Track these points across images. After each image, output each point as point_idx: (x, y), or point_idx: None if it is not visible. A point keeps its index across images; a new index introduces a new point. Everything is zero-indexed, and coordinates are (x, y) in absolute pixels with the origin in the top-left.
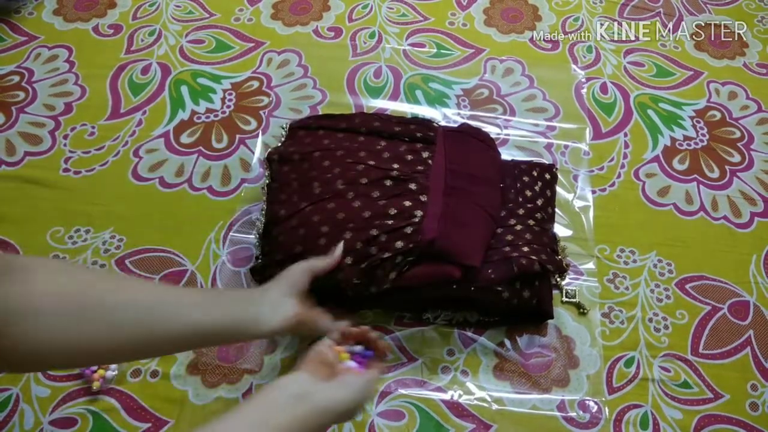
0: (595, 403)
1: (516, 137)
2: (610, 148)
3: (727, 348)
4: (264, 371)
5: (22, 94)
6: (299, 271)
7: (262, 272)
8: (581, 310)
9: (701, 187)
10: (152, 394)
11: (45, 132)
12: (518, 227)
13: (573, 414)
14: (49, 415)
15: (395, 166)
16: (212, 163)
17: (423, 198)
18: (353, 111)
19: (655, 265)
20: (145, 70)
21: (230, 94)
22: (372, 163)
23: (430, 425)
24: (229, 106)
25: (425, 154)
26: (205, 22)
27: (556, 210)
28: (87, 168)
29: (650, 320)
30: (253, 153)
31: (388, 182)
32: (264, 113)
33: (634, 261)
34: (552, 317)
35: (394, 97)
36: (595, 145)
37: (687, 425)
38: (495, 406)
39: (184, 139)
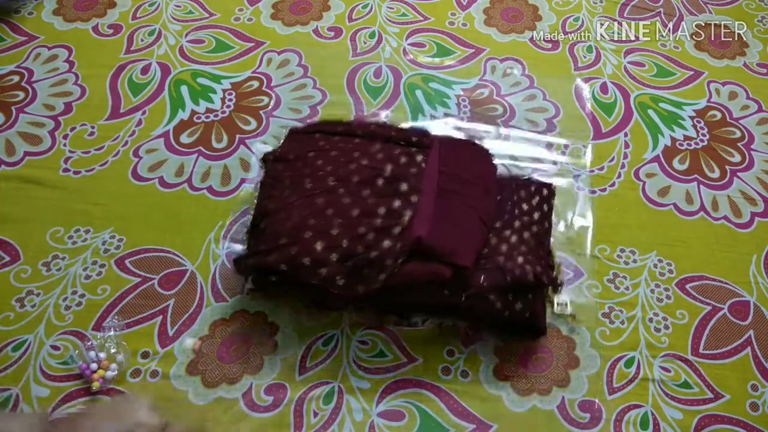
0: (595, 403)
1: (516, 137)
2: (610, 148)
3: (727, 348)
4: (264, 371)
5: (21, 94)
6: None
7: (245, 262)
8: (573, 319)
9: (701, 187)
10: (152, 394)
11: (45, 132)
12: (513, 238)
13: (573, 414)
14: (48, 415)
15: (388, 166)
16: (212, 163)
17: (413, 199)
18: (353, 110)
19: (655, 265)
20: (144, 70)
21: (230, 94)
22: (365, 162)
23: (430, 425)
24: (229, 106)
25: (419, 158)
26: (205, 21)
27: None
28: (87, 168)
29: (650, 320)
30: (253, 153)
31: (379, 181)
32: (264, 113)
33: (635, 261)
34: (544, 334)
35: (394, 97)
36: (595, 145)
37: (687, 425)
38: (495, 407)
39: (184, 139)
